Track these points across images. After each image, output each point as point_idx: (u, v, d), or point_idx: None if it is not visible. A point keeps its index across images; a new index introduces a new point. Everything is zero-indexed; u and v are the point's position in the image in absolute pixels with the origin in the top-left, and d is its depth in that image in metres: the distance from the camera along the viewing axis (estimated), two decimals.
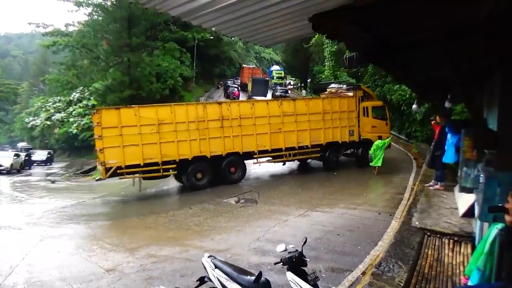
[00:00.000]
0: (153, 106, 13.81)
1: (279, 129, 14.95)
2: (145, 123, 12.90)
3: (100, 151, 12.46)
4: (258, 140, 14.64)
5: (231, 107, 14.32)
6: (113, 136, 12.49)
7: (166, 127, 13.20)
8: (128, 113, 12.78)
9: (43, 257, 7.43)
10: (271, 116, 14.83)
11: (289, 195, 12.31)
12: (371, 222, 8.67)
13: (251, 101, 15.54)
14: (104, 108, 12.92)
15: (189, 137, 13.51)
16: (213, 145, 13.92)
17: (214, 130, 13.93)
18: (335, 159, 16.35)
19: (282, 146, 15.04)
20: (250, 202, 11.54)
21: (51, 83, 39.80)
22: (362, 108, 16.44)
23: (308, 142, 15.48)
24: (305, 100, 16.21)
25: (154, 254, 7.33)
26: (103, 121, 12.41)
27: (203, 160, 13.87)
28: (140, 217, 10.78)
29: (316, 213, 9.77)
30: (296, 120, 15.19)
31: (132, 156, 12.74)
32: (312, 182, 14.33)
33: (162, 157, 13.14)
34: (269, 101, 15.57)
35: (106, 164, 12.48)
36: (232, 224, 9.25)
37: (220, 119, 14.03)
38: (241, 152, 14.44)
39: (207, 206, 11.31)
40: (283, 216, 9.56)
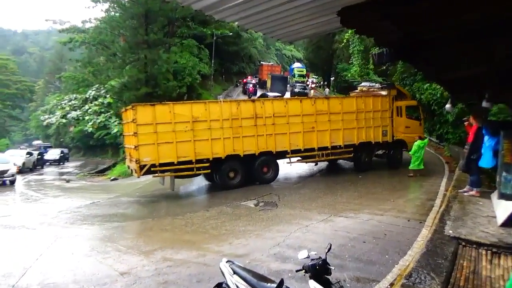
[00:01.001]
0: (187, 103, 14.18)
1: (312, 128, 15.06)
2: (179, 120, 13.18)
3: (135, 148, 12.77)
4: (291, 139, 14.79)
5: (264, 105, 14.49)
6: (148, 133, 12.83)
7: (200, 124, 13.47)
8: (163, 110, 13.07)
9: (57, 258, 7.58)
10: (305, 114, 14.94)
11: (311, 198, 12.21)
12: (400, 230, 8.48)
13: (285, 99, 15.80)
14: (139, 105, 13.19)
15: (223, 135, 13.76)
16: (246, 143, 14.13)
17: (247, 128, 14.15)
18: (367, 159, 16.40)
19: (315, 145, 15.14)
20: (269, 206, 11.50)
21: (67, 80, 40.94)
22: (396, 108, 16.43)
23: (341, 141, 15.53)
24: (339, 99, 16.45)
25: (170, 257, 7.37)
26: (138, 118, 12.72)
27: (236, 159, 14.11)
28: (156, 219, 10.90)
29: (340, 218, 9.65)
30: (330, 119, 15.28)
31: (166, 154, 13.03)
32: (336, 185, 14.22)
33: (196, 155, 13.40)
34: (303, 99, 15.71)
35: (141, 161, 12.78)
36: (251, 228, 9.23)
37: (254, 117, 14.23)
38: (274, 151, 14.62)
39: (224, 209, 11.33)
40: (304, 221, 9.48)
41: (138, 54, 28.23)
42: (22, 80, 72.68)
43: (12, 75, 70.11)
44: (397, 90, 16.96)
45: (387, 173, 15.89)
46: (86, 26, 34.36)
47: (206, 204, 12.15)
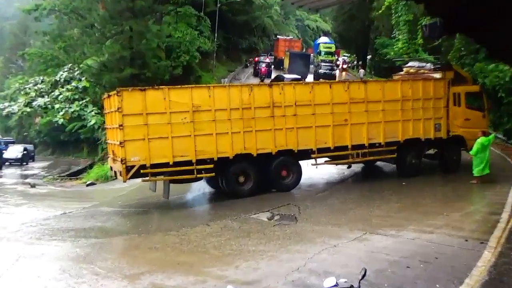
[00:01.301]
0: (186, 88, 14.15)
1: (345, 121, 15.01)
2: (176, 110, 13.23)
3: (121, 145, 12.81)
4: (317, 134, 14.74)
5: (284, 91, 14.48)
6: (137, 126, 12.88)
7: (202, 115, 13.51)
8: (156, 97, 13.15)
9: (20, 283, 7.69)
10: (335, 103, 14.89)
11: (341, 211, 12.19)
12: (454, 252, 8.42)
13: (310, 84, 15.71)
14: (126, 90, 13.24)
15: (231, 129, 13.75)
16: (260, 140, 14.13)
17: (262, 120, 14.15)
18: (414, 161, 16.28)
19: (348, 143, 15.09)
20: (287, 219, 11.53)
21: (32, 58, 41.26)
22: (453, 95, 16.26)
23: (381, 138, 15.47)
24: (379, 84, 16.41)
25: (160, 284, 7.44)
26: (125, 106, 12.74)
27: (247, 160, 14.14)
28: (143, 235, 10.98)
29: (377, 236, 9.61)
30: (367, 110, 15.21)
31: (160, 152, 13.10)
32: (373, 194, 14.19)
33: (196, 155, 13.42)
34: (333, 84, 15.68)
35: (128, 162, 12.82)
36: (263, 248, 9.24)
37: (271, 107, 14.21)
38: (295, 150, 14.59)
39: (230, 223, 11.38)
40: (332, 239, 9.46)
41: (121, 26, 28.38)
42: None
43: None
44: (454, 72, 16.72)
45: (440, 179, 15.77)
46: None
47: (207, 216, 12.24)
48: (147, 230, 11.56)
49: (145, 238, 10.68)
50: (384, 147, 15.56)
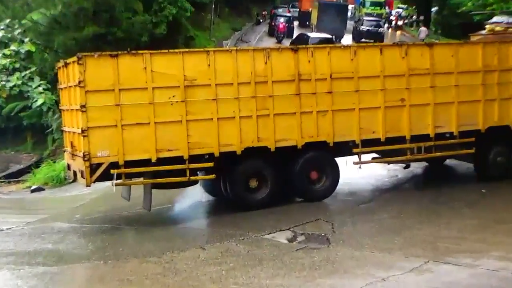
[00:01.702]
0: (176, 53, 13.83)
1: (402, 101, 14.96)
2: (161, 85, 13.13)
3: (82, 134, 12.65)
4: (362, 120, 14.68)
5: (315, 58, 14.32)
6: (106, 107, 12.75)
7: (198, 92, 13.44)
8: (133, 65, 12.98)
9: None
10: (388, 76, 14.83)
11: (394, 230, 12.15)
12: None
13: (353, 47, 15.42)
14: (91, 56, 12.89)
15: (239, 112, 13.70)
16: (280, 127, 14.05)
17: (283, 100, 14.13)
18: (501, 159, 16.28)
19: (405, 132, 15.04)
20: (316, 241, 11.57)
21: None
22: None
23: (453, 126, 15.39)
24: (451, 48, 16.04)
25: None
26: (88, 79, 12.55)
27: (261, 156, 14.17)
28: (111, 262, 10.98)
29: (445, 266, 9.57)
30: (433, 85, 15.13)
31: (138, 145, 13.00)
32: (439, 206, 14.21)
33: (190, 148, 13.33)
34: (384, 48, 15.51)
35: (93, 158, 12.69)
36: (281, 281, 9.22)
37: (296, 80, 14.13)
38: (330, 143, 14.50)
39: (234, 247, 11.38)
40: (380, 270, 9.45)
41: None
42: None
43: None
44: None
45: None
46: None
47: (203, 236, 12.25)
48: (117, 254, 11.54)
49: (114, 267, 10.69)
50: (458, 139, 15.46)
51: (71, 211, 17.03)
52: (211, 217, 14.03)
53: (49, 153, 29.75)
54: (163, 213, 15.15)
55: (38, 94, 32.33)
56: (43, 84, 31.76)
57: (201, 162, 13.58)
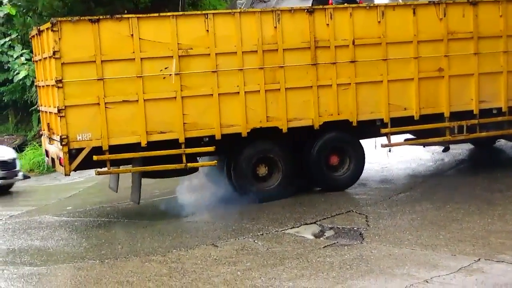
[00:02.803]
0: (167, 16, 13.65)
1: (440, 71, 14.90)
2: (151, 55, 13.12)
3: (59, 114, 12.64)
4: (391, 94, 14.67)
5: (334, 20, 14.25)
6: (86, 81, 12.71)
7: (195, 63, 13.44)
8: (117, 32, 12.92)
9: None
10: (423, 41, 14.81)
11: (438, 223, 12.16)
12: None
13: (380, 8, 14.97)
14: (66, 20, 12.79)
15: (244, 87, 13.69)
16: (293, 104, 14.08)
17: (297, 71, 14.10)
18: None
19: (444, 109, 15.02)
20: (347, 237, 11.61)
21: None
22: None
23: (502, 100, 15.35)
24: (499, 4, 15.74)
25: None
26: (64, 48, 12.52)
27: (272, 138, 14.23)
28: (108, 261, 11.11)
29: (499, 265, 9.54)
30: (478, 52, 15.04)
31: (125, 127, 13.03)
32: (491, 195, 14.15)
33: (186, 130, 13.35)
34: (418, 7, 15.15)
35: (72, 142, 12.67)
36: (306, 284, 9.22)
37: (311, 47, 14.10)
38: (354, 122, 14.50)
39: (251, 243, 11.45)
40: (422, 270, 9.46)
41: None
42: None
43: None
44: None
45: None
46: None
47: (214, 232, 12.29)
48: (114, 253, 11.69)
49: (111, 267, 10.78)
50: (508, 116, 15.41)
51: (62, 202, 17.19)
52: (223, 209, 13.96)
53: (35, 135, 29.90)
54: (167, 204, 15.15)
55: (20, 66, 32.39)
56: (25, 54, 31.84)
57: (199, 146, 13.53)
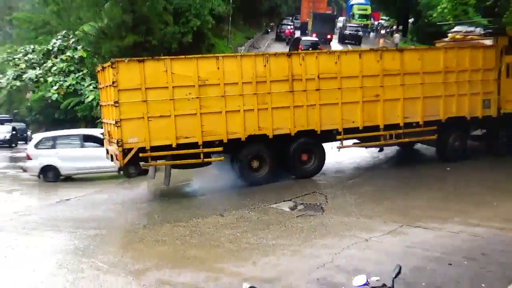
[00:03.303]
0: (191, 58, 13.98)
1: (377, 96, 14.92)
2: (179, 84, 13.28)
3: (116, 125, 12.90)
4: (344, 112, 14.69)
5: (305, 61, 14.35)
6: (135, 102, 12.95)
7: (210, 90, 13.55)
8: (156, 69, 13.18)
9: (13, 278, 7.94)
10: (366, 76, 14.80)
11: (374, 200, 12.23)
12: (505, 247, 8.42)
13: (336, 53, 15.47)
14: (121, 61, 13.19)
15: (243, 107, 13.80)
16: (277, 119, 14.15)
17: (279, 96, 14.15)
18: (459, 144, 16.21)
19: (379, 122, 15.04)
20: (312, 210, 11.63)
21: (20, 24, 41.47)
22: (506, 66, 16.04)
23: (419, 116, 15.36)
24: (418, 52, 16.11)
25: (168, 280, 7.62)
26: (120, 80, 12.80)
27: (262, 142, 14.24)
28: (149, 226, 11.20)
29: (415, 230, 9.66)
30: (404, 83, 15.09)
31: (161, 134, 13.20)
32: (410, 181, 14.22)
33: (203, 136, 13.50)
34: (363, 53, 15.52)
35: (125, 144, 12.94)
36: (284, 241, 9.35)
37: (289, 80, 14.17)
38: (318, 131, 14.58)
39: (247, 214, 11.52)
40: (363, 232, 9.54)
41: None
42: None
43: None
44: (508, 38, 16.38)
45: (489, 165, 15.60)
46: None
47: (221, 206, 12.30)
48: (153, 220, 11.82)
49: (151, 230, 10.88)
50: (423, 127, 15.44)
51: (119, 184, 17.15)
52: (227, 191, 14.05)
53: None
54: (188, 187, 15.19)
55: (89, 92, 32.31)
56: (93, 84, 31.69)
57: (212, 147, 13.70)
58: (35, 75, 37.74)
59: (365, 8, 55.79)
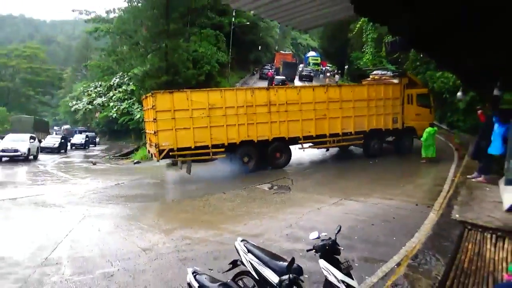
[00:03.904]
0: (204, 90, 14.18)
1: (324, 115, 14.93)
2: (196, 107, 13.32)
3: (155, 134, 13.07)
4: (303, 125, 14.72)
5: (278, 93, 14.46)
6: (167, 119, 13.05)
7: (216, 111, 13.56)
8: (181, 97, 13.24)
9: (85, 235, 7.82)
10: (317, 102, 14.82)
11: (323, 183, 12.22)
12: (408, 213, 8.45)
13: (298, 87, 15.64)
14: (158, 92, 13.40)
15: (238, 122, 13.84)
16: (260, 130, 14.16)
17: (261, 115, 14.15)
18: (377, 146, 16.23)
19: (326, 132, 15.04)
20: (283, 189, 11.56)
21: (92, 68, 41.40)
22: (407, 95, 16.15)
23: (352, 128, 15.37)
24: (351, 87, 16.28)
25: (188, 236, 7.53)
26: (157, 105, 12.95)
27: (250, 145, 14.17)
28: (175, 200, 11.11)
29: (350, 202, 9.65)
30: (341, 107, 15.10)
31: (184, 139, 13.24)
32: (347, 171, 14.20)
33: (211, 141, 13.56)
34: (315, 88, 15.46)
35: (160, 146, 13.07)
36: (265, 210, 9.31)
37: (268, 105, 14.20)
38: (286, 138, 14.60)
39: (240, 192, 11.43)
40: (316, 204, 9.50)
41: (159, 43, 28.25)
42: (51, 68, 74.16)
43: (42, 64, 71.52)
44: (408, 78, 16.59)
45: (397, 160, 15.72)
46: (110, 16, 34.69)
47: (223, 187, 12.22)
48: (178, 196, 11.75)
49: (177, 203, 10.83)
50: (354, 135, 15.48)
51: (156, 173, 16.99)
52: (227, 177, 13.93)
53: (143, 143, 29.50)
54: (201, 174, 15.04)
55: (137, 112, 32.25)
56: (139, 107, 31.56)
57: (217, 148, 13.72)
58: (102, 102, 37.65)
59: (317, 59, 56.33)
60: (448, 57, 5.23)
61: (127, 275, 5.77)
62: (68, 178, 16.88)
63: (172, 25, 27.99)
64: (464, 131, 18.48)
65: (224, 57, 39.29)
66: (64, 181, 15.89)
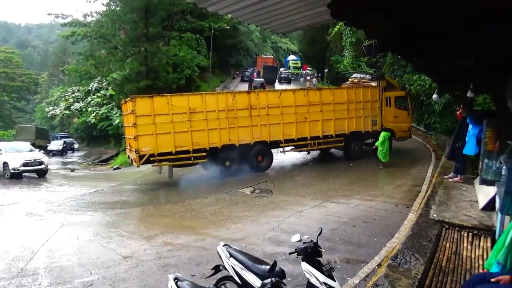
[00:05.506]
0: (184, 95, 13.99)
1: (305, 119, 15.04)
2: (177, 112, 13.16)
3: (135, 139, 12.79)
4: (284, 129, 14.77)
5: (259, 97, 14.46)
6: (147, 124, 12.82)
7: (197, 115, 13.44)
8: (161, 102, 13.03)
9: (63, 243, 7.61)
10: (298, 105, 14.91)
11: (305, 186, 12.25)
12: (388, 214, 8.56)
13: (279, 91, 15.62)
14: (138, 96, 13.17)
15: (219, 126, 13.74)
16: (241, 133, 14.12)
17: (242, 119, 14.11)
18: (357, 148, 16.40)
19: (307, 135, 15.12)
20: (265, 192, 11.55)
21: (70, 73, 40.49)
22: (385, 98, 16.43)
23: (332, 131, 15.51)
24: (330, 90, 16.37)
25: (170, 242, 7.42)
26: (137, 109, 12.71)
27: (231, 148, 14.08)
28: (156, 206, 10.93)
29: (331, 204, 9.71)
30: (322, 110, 15.25)
31: (165, 144, 13.04)
32: (328, 173, 14.27)
33: (193, 145, 13.40)
34: (295, 91, 15.53)
35: (140, 151, 12.82)
36: (247, 214, 9.28)
37: (249, 108, 14.18)
38: (268, 141, 14.59)
39: (222, 196, 11.36)
40: (298, 206, 9.54)
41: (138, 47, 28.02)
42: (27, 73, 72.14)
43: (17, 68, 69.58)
44: (386, 81, 16.90)
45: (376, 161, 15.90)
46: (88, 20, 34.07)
47: (205, 191, 12.13)
48: (159, 202, 11.54)
49: (158, 208, 10.64)
50: (335, 138, 15.64)
51: (135, 179, 16.74)
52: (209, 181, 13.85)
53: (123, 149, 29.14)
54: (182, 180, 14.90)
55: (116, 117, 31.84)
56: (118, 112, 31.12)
57: (199, 153, 13.58)
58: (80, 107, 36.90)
59: (297, 63, 56.83)
60: (422, 59, 5.34)
61: (107, 284, 5.64)
62: (46, 185, 16.44)
63: (151, 29, 27.80)
64: (441, 132, 18.97)
65: (205, 61, 39.17)
66: (41, 188, 15.48)
